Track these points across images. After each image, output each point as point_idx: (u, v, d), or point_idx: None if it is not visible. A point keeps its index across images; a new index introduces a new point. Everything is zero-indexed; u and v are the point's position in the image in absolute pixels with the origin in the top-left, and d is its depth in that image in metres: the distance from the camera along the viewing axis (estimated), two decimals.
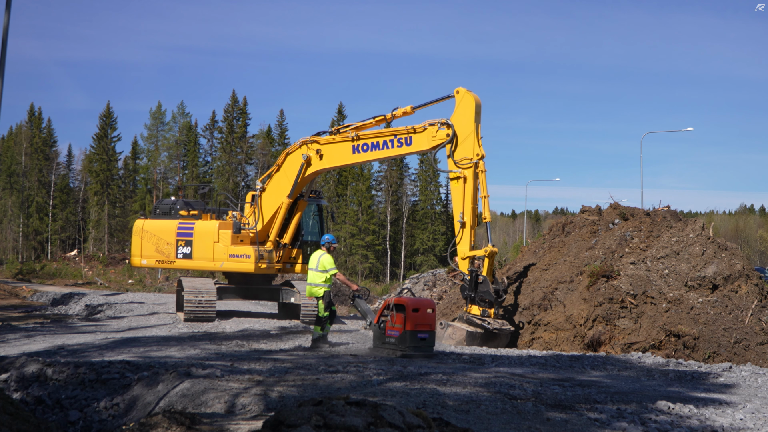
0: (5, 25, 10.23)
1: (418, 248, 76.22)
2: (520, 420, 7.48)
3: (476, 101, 16.85)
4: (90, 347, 13.55)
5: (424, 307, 13.12)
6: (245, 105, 74.40)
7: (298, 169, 18.79)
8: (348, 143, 18.26)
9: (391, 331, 12.92)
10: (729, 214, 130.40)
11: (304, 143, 18.97)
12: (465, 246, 16.69)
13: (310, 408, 5.46)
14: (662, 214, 19.37)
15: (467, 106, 16.82)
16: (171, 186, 74.36)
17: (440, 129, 16.89)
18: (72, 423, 8.85)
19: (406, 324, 12.67)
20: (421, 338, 12.86)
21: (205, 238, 19.33)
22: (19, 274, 51.88)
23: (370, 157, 18.57)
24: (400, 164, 76.77)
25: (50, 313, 25.91)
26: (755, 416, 8.15)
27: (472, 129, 16.73)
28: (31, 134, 76.28)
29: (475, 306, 16.35)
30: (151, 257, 19.68)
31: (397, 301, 13.06)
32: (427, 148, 17.36)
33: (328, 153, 18.67)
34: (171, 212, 19.91)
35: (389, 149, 17.89)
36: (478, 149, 16.68)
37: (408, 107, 17.79)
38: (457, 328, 16.12)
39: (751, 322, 15.09)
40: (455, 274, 28.14)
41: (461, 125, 16.78)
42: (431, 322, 13.12)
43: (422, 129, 17.17)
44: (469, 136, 16.74)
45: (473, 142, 16.71)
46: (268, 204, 19.42)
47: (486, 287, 16.28)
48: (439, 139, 16.92)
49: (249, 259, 19.00)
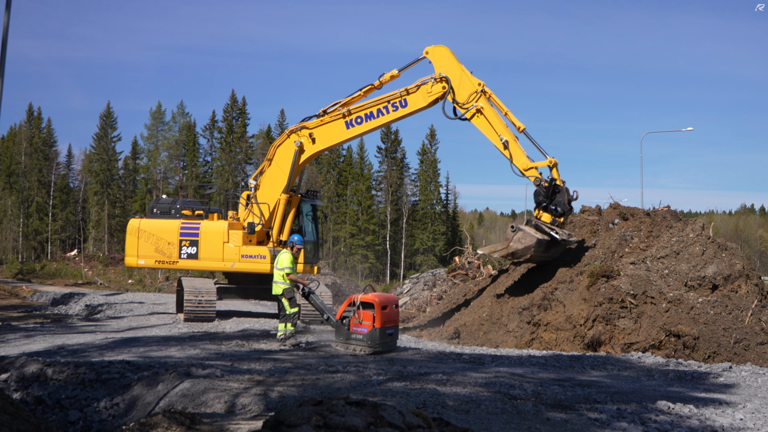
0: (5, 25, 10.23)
1: (418, 248, 76.19)
2: (520, 420, 7.48)
3: (446, 48, 18.06)
4: (90, 347, 13.54)
5: (390, 304, 13.55)
6: (245, 105, 74.44)
7: (292, 159, 18.81)
8: (340, 120, 18.59)
9: (358, 328, 13.29)
10: (729, 214, 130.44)
11: (292, 131, 19.03)
12: (521, 158, 17.60)
13: (310, 408, 5.46)
14: (662, 214, 19.36)
15: (444, 55, 18.05)
16: (171, 186, 74.32)
17: (435, 84, 17.88)
18: (72, 423, 8.85)
19: (375, 321, 13.06)
20: (389, 334, 13.41)
21: (213, 239, 19.08)
22: (19, 274, 51.87)
23: (365, 128, 18.75)
24: (400, 164, 76.78)
25: (50, 313, 25.90)
26: (755, 416, 8.15)
27: (460, 69, 17.95)
28: (31, 134, 76.23)
29: (546, 213, 16.94)
30: (149, 257, 19.30)
31: (364, 298, 13.32)
32: (424, 105, 18.11)
33: (320, 135, 18.86)
34: (171, 212, 19.73)
35: (385, 115, 18.44)
36: (475, 80, 17.82)
37: (394, 71, 18.48)
38: (527, 233, 16.53)
39: (751, 322, 15.09)
40: (455, 274, 28.17)
41: (450, 73, 17.92)
42: (397, 318, 13.72)
43: (415, 89, 18.05)
44: (462, 77, 17.91)
45: (468, 78, 17.89)
46: (264, 201, 19.35)
47: (563, 197, 16.90)
48: (436, 93, 17.90)
49: (264, 259, 19.00)
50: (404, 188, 77.40)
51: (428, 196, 78.16)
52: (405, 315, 25.05)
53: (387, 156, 76.25)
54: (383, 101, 18.28)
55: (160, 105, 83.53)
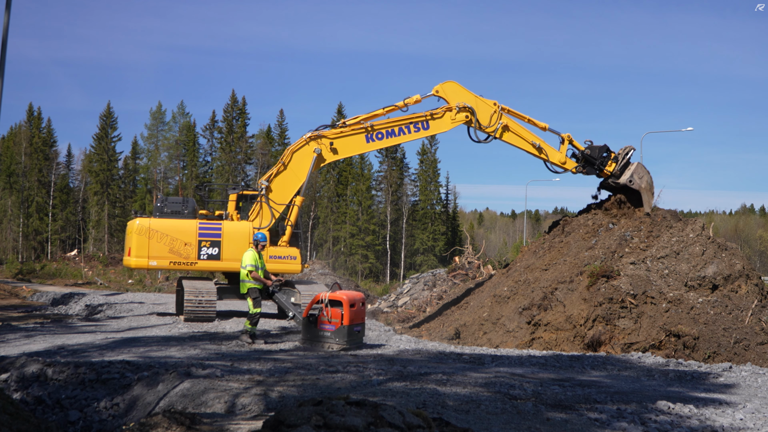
0: (5, 25, 10.23)
1: (418, 248, 76.17)
2: (520, 420, 7.48)
3: (455, 82, 19.80)
4: (90, 347, 13.53)
5: (358, 302, 13.84)
6: (245, 105, 74.39)
7: (310, 165, 19.16)
8: (361, 134, 19.42)
9: (326, 326, 13.52)
10: (729, 214, 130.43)
11: (311, 138, 19.28)
12: (555, 155, 20.28)
13: (310, 408, 5.46)
14: (662, 214, 19.36)
15: (455, 90, 19.75)
16: (171, 186, 74.32)
17: (459, 112, 19.61)
18: (72, 423, 8.85)
19: (344, 319, 13.35)
20: (356, 331, 13.75)
21: (237, 239, 18.90)
22: (19, 274, 51.85)
23: (384, 144, 20.12)
24: (400, 164, 76.76)
25: (50, 313, 25.90)
26: (755, 416, 8.15)
27: (474, 97, 19.81)
28: (31, 134, 76.19)
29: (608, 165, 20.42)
30: (163, 258, 18.82)
31: (332, 296, 13.50)
32: (446, 130, 19.97)
33: (341, 145, 19.48)
34: (183, 212, 19.55)
35: (406, 135, 19.73)
36: (490, 102, 19.76)
37: (417, 96, 19.78)
38: (636, 169, 20.16)
39: (751, 322, 15.09)
40: (455, 274, 28.16)
41: (467, 101, 19.70)
42: (363, 316, 14.10)
43: (440, 114, 19.61)
44: (478, 103, 19.76)
45: (483, 103, 19.79)
46: (274, 203, 19.42)
47: (602, 152, 20.36)
48: (459, 120, 19.71)
49: (295, 260, 19.25)
50: (404, 188, 77.37)
51: (428, 196, 78.13)
52: (405, 315, 25.05)
53: (387, 156, 76.23)
54: (406, 121, 19.53)
55: (160, 105, 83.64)
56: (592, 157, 20.26)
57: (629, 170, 20.13)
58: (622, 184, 20.18)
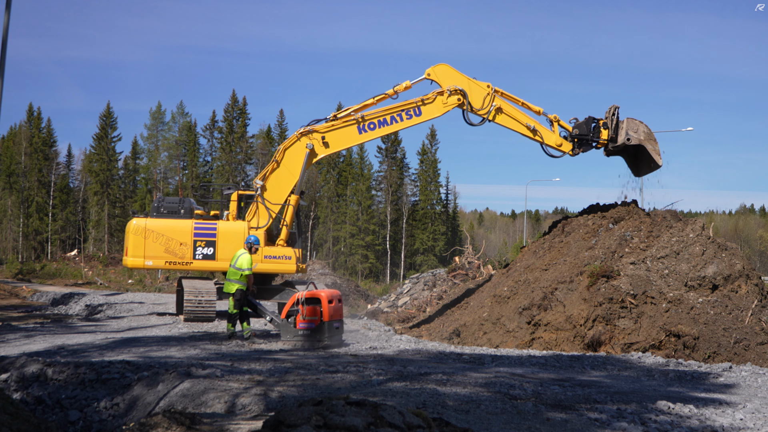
0: (5, 25, 10.23)
1: (418, 248, 76.16)
2: (520, 420, 7.48)
3: (447, 65, 19.41)
4: (90, 347, 13.54)
5: (336, 298, 14.00)
6: (245, 105, 74.40)
7: (303, 161, 19.05)
8: (352, 126, 19.21)
9: (304, 324, 13.67)
10: (729, 214, 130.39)
11: (302, 134, 19.20)
12: (551, 137, 19.93)
13: (310, 408, 5.46)
14: (662, 214, 19.36)
15: (446, 72, 19.37)
16: (171, 186, 74.29)
17: (450, 95, 19.21)
18: (72, 423, 8.85)
19: (323, 315, 13.52)
20: (335, 327, 13.88)
21: (232, 239, 18.90)
22: (19, 274, 51.88)
23: (377, 134, 19.75)
24: (400, 164, 76.74)
25: (50, 313, 25.91)
26: (755, 416, 8.15)
27: (467, 79, 19.40)
28: (31, 134, 76.19)
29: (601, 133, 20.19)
30: (159, 258, 18.91)
31: (310, 294, 13.70)
32: (438, 114, 19.42)
33: (332, 139, 19.32)
34: (180, 212, 19.54)
35: (398, 123, 19.41)
36: (483, 84, 19.39)
37: (407, 82, 19.47)
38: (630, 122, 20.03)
39: (751, 322, 15.08)
40: (455, 274, 28.15)
41: (459, 84, 19.29)
42: (342, 312, 14.28)
43: (431, 99, 19.20)
44: (470, 85, 19.38)
45: (476, 85, 19.42)
46: (270, 202, 19.38)
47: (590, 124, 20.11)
48: (451, 104, 19.30)
49: (290, 260, 19.16)
50: (404, 188, 77.36)
51: (428, 196, 78.11)
52: (405, 315, 25.04)
53: (387, 156, 76.22)
54: (397, 109, 19.22)
55: (160, 105, 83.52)
56: (583, 134, 20.00)
57: (622, 129, 19.94)
58: (621, 145, 20.01)
